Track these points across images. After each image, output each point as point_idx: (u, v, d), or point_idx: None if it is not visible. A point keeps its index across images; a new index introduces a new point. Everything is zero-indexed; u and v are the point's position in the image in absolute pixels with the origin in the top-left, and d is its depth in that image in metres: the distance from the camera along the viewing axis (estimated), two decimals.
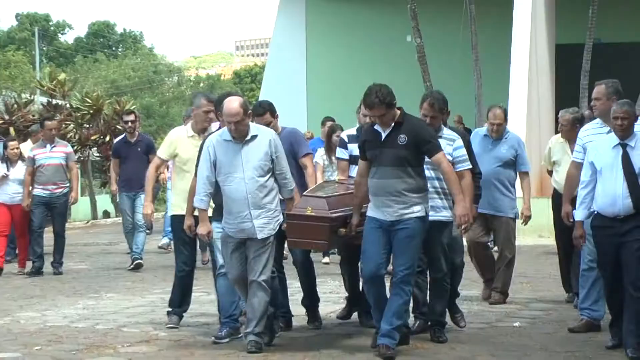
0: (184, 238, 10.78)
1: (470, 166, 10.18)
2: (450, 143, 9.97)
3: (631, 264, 9.25)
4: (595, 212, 9.50)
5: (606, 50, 24.99)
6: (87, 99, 30.99)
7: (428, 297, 10.45)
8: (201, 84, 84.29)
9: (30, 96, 36.79)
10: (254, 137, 9.65)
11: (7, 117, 29.74)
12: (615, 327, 9.57)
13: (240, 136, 9.58)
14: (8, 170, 16.38)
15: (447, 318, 10.52)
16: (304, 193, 10.03)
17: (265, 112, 10.71)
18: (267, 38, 33.25)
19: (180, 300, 11.16)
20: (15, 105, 30.53)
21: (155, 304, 13.09)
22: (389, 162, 9.24)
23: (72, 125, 29.55)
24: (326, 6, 30.72)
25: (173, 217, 11.14)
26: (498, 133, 12.46)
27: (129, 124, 17.19)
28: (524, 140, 21.43)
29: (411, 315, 10.40)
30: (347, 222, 9.64)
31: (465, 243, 11.64)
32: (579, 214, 9.71)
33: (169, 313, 11.19)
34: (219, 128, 10.51)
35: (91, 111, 30.54)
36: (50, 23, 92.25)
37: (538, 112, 22.52)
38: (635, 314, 9.23)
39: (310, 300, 11.03)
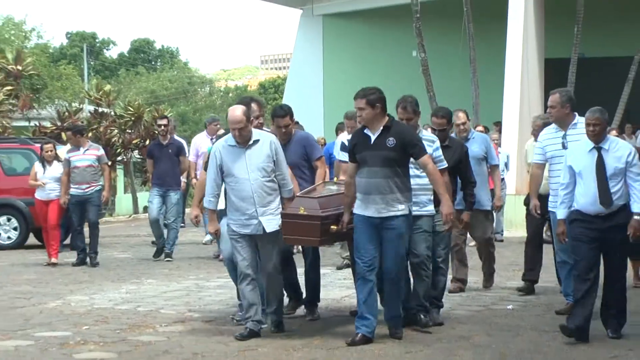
0: None
1: (447, 165, 9.96)
2: (430, 144, 9.72)
3: (614, 259, 9.21)
4: (576, 210, 9.31)
5: (589, 64, 24.96)
6: (130, 107, 31.13)
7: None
8: (230, 94, 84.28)
9: (79, 105, 36.84)
10: (256, 141, 9.51)
11: (59, 123, 29.82)
12: (576, 314, 9.24)
13: (244, 141, 9.45)
14: (45, 169, 16.43)
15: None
16: (298, 194, 9.80)
17: (285, 114, 10.60)
18: (289, 53, 33.18)
19: None
20: (67, 113, 30.61)
21: (189, 289, 13.16)
22: (378, 162, 9.02)
23: (116, 131, 29.71)
24: (341, 25, 30.71)
25: None
26: (465, 132, 12.29)
27: (162, 127, 17.25)
28: (516, 144, 21.54)
29: None
30: (339, 220, 9.42)
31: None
32: (561, 213, 9.48)
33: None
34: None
35: (133, 118, 30.68)
36: (97, 40, 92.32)
37: (529, 119, 22.44)
38: (616, 301, 9.23)
39: (312, 296, 10.78)
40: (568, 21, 23.60)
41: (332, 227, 9.38)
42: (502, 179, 16.26)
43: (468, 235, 12.86)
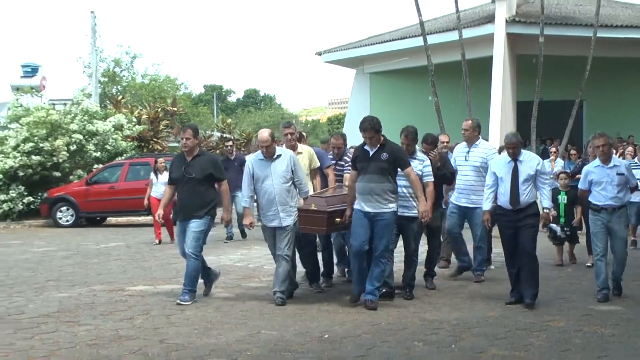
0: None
1: (433, 179, 9.12)
2: (421, 162, 9.06)
3: (526, 240, 8.50)
4: (499, 205, 8.71)
5: (546, 105, 24.68)
6: (243, 134, 31.50)
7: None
8: (307, 125, 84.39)
9: (210, 132, 37.19)
10: (279, 156, 8.77)
11: None
12: (515, 290, 8.70)
13: (270, 156, 8.73)
14: (157, 177, 15.85)
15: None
16: (311, 194, 9.04)
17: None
18: (347, 97, 33.44)
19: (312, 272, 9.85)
20: (202, 138, 30.92)
21: None
22: (374, 171, 8.34)
23: (234, 149, 29.95)
24: (382, 80, 30.69)
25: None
26: (446, 149, 11.19)
27: (228, 147, 16.91)
28: None
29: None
30: (343, 214, 8.71)
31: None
32: (486, 206, 8.82)
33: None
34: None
35: (245, 140, 30.90)
36: (223, 90, 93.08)
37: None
38: (529, 274, 8.54)
39: (329, 269, 10.08)
40: (532, 75, 23.36)
41: (337, 219, 8.72)
42: None
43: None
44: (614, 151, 12.19)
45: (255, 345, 6.88)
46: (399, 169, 8.53)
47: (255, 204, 9.42)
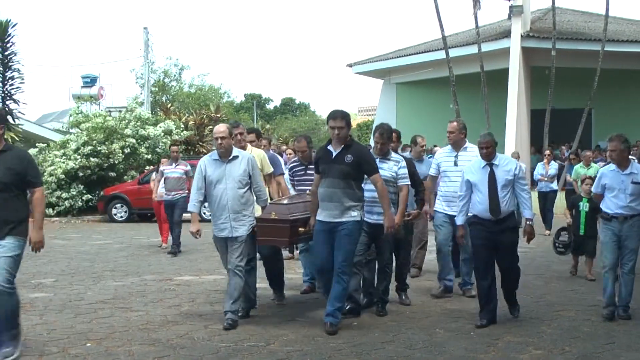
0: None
1: (409, 182, 7.63)
2: (396, 164, 7.56)
3: (506, 256, 7.23)
4: (473, 215, 7.30)
5: (557, 113, 24.43)
6: (280, 138, 31.36)
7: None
8: None
9: None
10: (235, 157, 7.18)
11: None
12: (485, 310, 7.20)
13: (225, 154, 7.18)
14: (157, 175, 13.91)
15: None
16: (271, 202, 7.60)
17: (252, 132, 8.79)
18: (375, 105, 33.16)
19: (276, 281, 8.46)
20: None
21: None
22: (337, 175, 6.83)
23: (271, 151, 30.07)
24: (407, 90, 30.57)
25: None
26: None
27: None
28: None
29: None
30: (307, 223, 7.20)
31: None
32: (460, 220, 7.41)
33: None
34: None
35: (283, 144, 30.97)
36: (262, 98, 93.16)
37: (520, 147, 22.09)
38: (512, 286, 7.46)
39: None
40: (545, 85, 23.21)
41: (300, 228, 7.22)
42: None
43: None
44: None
45: (291, 331, 6.90)
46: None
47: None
